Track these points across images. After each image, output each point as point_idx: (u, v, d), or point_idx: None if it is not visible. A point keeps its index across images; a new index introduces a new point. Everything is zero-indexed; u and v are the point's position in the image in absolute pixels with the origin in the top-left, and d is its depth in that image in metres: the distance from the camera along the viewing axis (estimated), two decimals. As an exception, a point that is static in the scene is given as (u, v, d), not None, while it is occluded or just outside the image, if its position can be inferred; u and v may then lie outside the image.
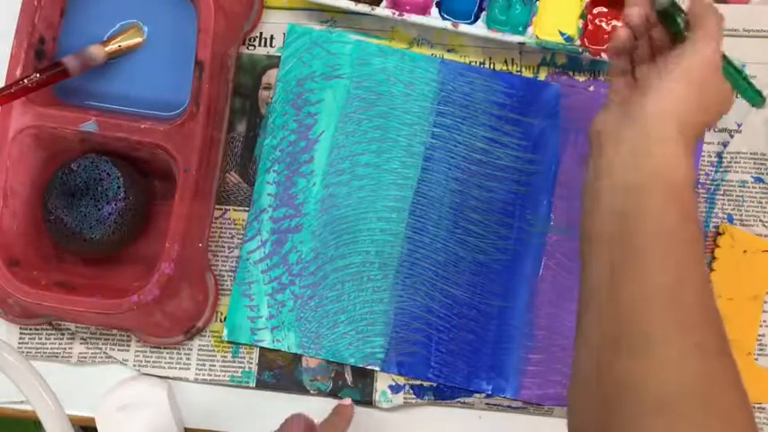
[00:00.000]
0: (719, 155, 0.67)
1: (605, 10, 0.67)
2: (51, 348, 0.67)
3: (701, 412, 0.42)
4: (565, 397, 0.66)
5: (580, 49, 0.65)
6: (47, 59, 0.64)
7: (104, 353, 0.67)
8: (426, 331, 0.66)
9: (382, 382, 0.67)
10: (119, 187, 0.63)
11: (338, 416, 0.63)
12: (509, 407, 0.66)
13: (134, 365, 0.67)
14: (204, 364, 0.67)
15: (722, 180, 0.67)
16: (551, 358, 0.66)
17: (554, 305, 0.66)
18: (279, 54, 0.69)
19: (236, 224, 0.68)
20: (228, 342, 0.67)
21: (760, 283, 0.66)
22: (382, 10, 0.66)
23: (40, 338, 0.68)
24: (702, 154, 0.67)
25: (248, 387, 0.67)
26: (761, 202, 0.67)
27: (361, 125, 0.67)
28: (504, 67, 0.68)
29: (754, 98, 0.52)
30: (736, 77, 0.52)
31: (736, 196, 0.67)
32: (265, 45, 0.69)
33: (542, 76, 0.68)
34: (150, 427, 0.64)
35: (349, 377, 0.67)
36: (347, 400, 0.65)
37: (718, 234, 0.66)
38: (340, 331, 0.66)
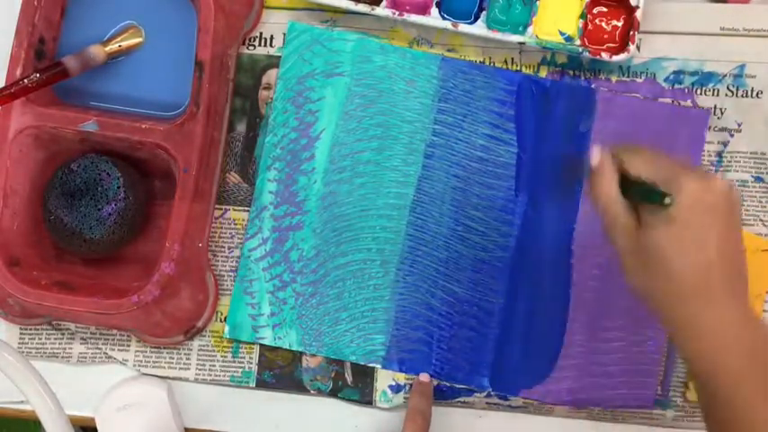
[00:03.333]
0: (719, 154, 0.67)
1: (605, 10, 0.67)
2: (51, 348, 0.67)
3: None
4: (565, 397, 0.66)
5: (580, 49, 0.65)
6: (47, 59, 0.64)
7: (104, 353, 0.67)
8: (427, 329, 0.66)
9: (382, 382, 0.67)
10: (119, 187, 0.63)
11: (422, 396, 0.64)
12: (509, 406, 0.66)
13: (134, 365, 0.67)
14: (204, 364, 0.67)
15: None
16: (558, 356, 0.66)
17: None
18: (279, 54, 0.69)
19: (236, 224, 0.68)
20: (230, 340, 0.67)
21: (760, 283, 0.66)
22: (382, 10, 0.66)
23: (40, 338, 0.67)
24: (702, 154, 0.67)
25: (248, 387, 0.67)
26: (761, 202, 0.67)
27: (362, 123, 0.67)
28: (504, 67, 0.68)
29: (661, 198, 0.50)
30: (641, 193, 0.51)
31: (737, 196, 0.67)
32: (265, 45, 0.69)
33: (542, 75, 0.68)
34: (150, 427, 0.64)
35: (349, 377, 0.67)
36: (425, 376, 0.65)
37: (719, 233, 0.66)
38: (341, 329, 0.66)
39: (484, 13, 0.66)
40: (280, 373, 0.67)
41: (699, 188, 0.49)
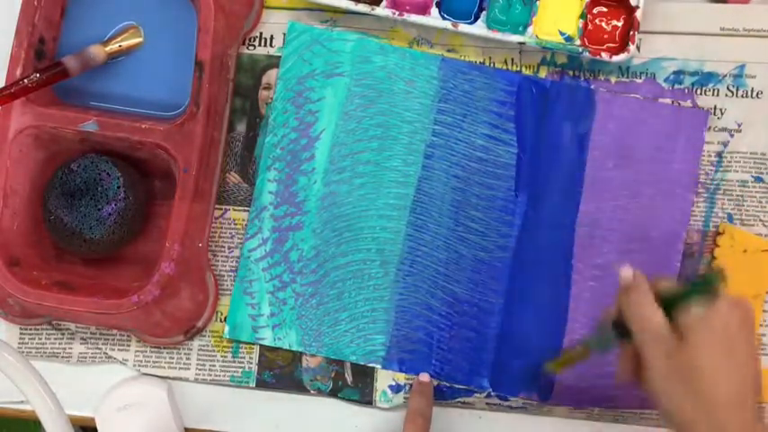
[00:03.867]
0: (719, 154, 0.67)
1: (605, 10, 0.67)
2: (51, 348, 0.67)
3: None
4: (565, 397, 0.66)
5: (580, 49, 0.65)
6: (47, 59, 0.64)
7: (104, 353, 0.67)
8: (427, 329, 0.66)
9: (382, 382, 0.67)
10: (119, 187, 0.63)
11: (422, 396, 0.64)
12: (509, 407, 0.66)
13: (134, 365, 0.67)
14: (204, 364, 0.67)
15: (722, 179, 0.67)
16: (554, 356, 0.66)
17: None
18: (279, 54, 0.69)
19: (236, 224, 0.68)
20: (229, 340, 0.67)
21: (760, 283, 0.66)
22: (382, 10, 0.66)
23: (40, 338, 0.67)
24: (702, 154, 0.67)
25: (248, 387, 0.67)
26: (761, 202, 0.67)
27: (362, 123, 0.67)
28: (504, 67, 0.68)
29: (706, 285, 0.50)
30: (680, 295, 0.51)
31: (737, 196, 0.67)
32: (265, 45, 0.69)
33: (542, 75, 0.68)
34: (150, 427, 0.64)
35: (349, 377, 0.67)
36: (425, 376, 0.65)
37: (718, 234, 0.66)
38: (341, 329, 0.66)
39: (484, 13, 0.66)
40: (280, 373, 0.67)
41: (728, 302, 0.50)
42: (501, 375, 0.66)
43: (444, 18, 0.66)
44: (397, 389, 0.67)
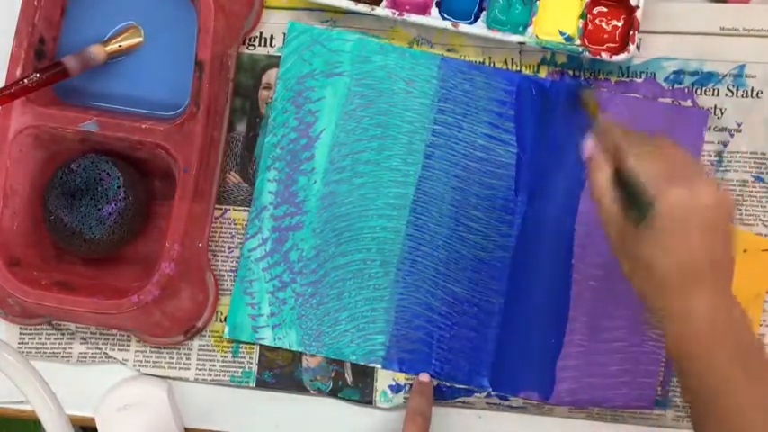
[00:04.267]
0: (719, 154, 0.67)
1: (605, 10, 0.67)
2: (51, 348, 0.67)
3: None
4: (565, 397, 0.66)
5: (580, 49, 0.65)
6: (47, 59, 0.64)
7: (104, 353, 0.67)
8: (427, 328, 0.66)
9: (382, 382, 0.67)
10: (119, 187, 0.63)
11: (422, 396, 0.64)
12: (509, 406, 0.66)
13: (134, 365, 0.67)
14: (204, 364, 0.67)
15: (722, 179, 0.67)
16: (558, 356, 0.66)
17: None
18: (279, 54, 0.69)
19: (236, 224, 0.68)
20: (229, 340, 0.67)
21: (760, 283, 0.66)
22: (382, 10, 0.66)
23: (40, 338, 0.67)
24: (702, 153, 0.67)
25: (248, 387, 0.67)
26: (761, 202, 0.67)
27: (362, 123, 0.67)
28: (504, 67, 0.68)
29: (640, 212, 0.50)
30: (629, 195, 0.51)
31: (737, 195, 0.67)
32: (265, 45, 0.69)
33: (542, 75, 0.68)
34: (150, 427, 0.64)
35: (349, 377, 0.67)
36: (425, 376, 0.66)
37: (719, 233, 0.66)
38: (341, 329, 0.66)
39: (484, 13, 0.66)
40: (280, 373, 0.67)
41: (681, 196, 0.49)
42: (501, 375, 0.66)
43: (444, 18, 0.66)
44: (397, 389, 0.67)
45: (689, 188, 0.49)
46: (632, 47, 0.65)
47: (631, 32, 0.65)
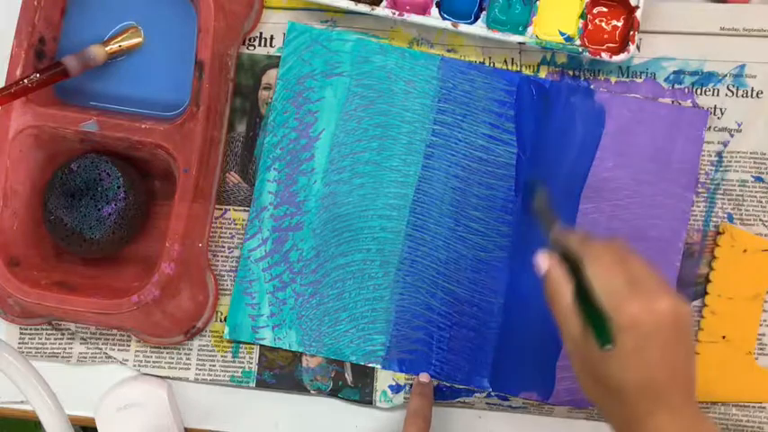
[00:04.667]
0: (719, 154, 0.67)
1: (605, 10, 0.67)
2: (51, 348, 0.67)
3: None
4: (565, 397, 0.66)
5: (580, 49, 0.65)
6: (47, 59, 0.64)
7: (104, 353, 0.67)
8: (427, 329, 0.66)
9: (382, 382, 0.67)
10: (119, 187, 0.63)
11: (422, 396, 0.64)
12: (509, 406, 0.66)
13: (134, 365, 0.67)
14: (204, 364, 0.67)
15: (722, 179, 0.67)
16: (558, 356, 0.66)
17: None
18: (279, 54, 0.69)
19: (236, 224, 0.68)
20: (229, 341, 0.67)
21: (760, 283, 0.66)
22: (382, 10, 0.66)
23: (40, 338, 0.68)
24: (702, 153, 0.67)
25: (248, 387, 0.67)
26: (761, 202, 0.67)
27: (362, 123, 0.67)
28: (504, 67, 0.68)
29: (601, 340, 0.48)
30: (589, 314, 0.50)
31: (737, 195, 0.67)
32: (265, 45, 0.69)
33: (542, 75, 0.68)
34: (150, 427, 0.64)
35: (349, 377, 0.67)
36: (425, 376, 0.66)
37: (719, 233, 0.66)
38: (341, 329, 0.66)
39: (484, 13, 0.66)
40: (280, 373, 0.67)
41: (640, 311, 0.48)
42: (501, 375, 0.66)
43: (444, 18, 0.66)
44: (397, 389, 0.67)
45: (647, 303, 0.48)
46: (632, 47, 0.65)
47: (631, 32, 0.65)
